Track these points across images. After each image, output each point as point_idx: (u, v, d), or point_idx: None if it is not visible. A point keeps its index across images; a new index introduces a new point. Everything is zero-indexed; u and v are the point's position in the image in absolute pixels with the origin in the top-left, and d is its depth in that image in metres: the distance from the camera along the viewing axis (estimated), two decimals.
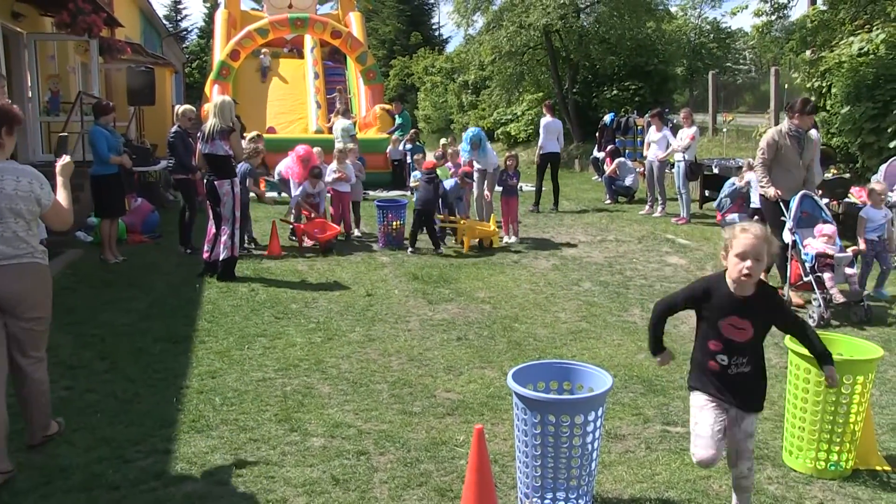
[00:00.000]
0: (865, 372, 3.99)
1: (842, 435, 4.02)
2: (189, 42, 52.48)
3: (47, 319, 4.26)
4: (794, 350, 4.08)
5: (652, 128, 13.60)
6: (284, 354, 6.02)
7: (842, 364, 3.96)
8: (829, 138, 12.97)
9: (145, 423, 4.63)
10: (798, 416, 4.12)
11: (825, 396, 3.98)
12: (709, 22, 35.01)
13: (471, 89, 32.44)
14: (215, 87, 18.46)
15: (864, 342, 4.31)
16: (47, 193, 4.13)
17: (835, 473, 4.06)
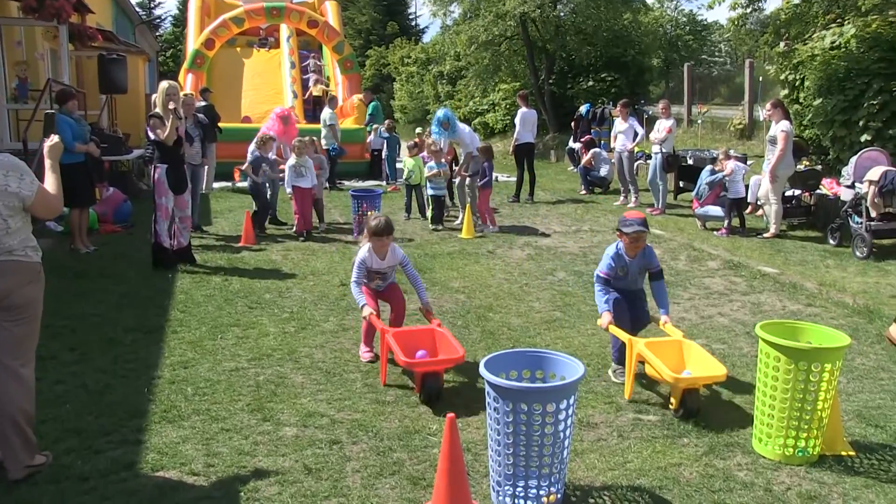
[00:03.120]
0: (833, 360, 4.03)
1: (810, 422, 4.06)
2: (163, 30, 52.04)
3: (30, 321, 3.83)
4: (764, 339, 4.12)
5: (618, 119, 13.67)
6: (257, 344, 5.99)
7: (810, 352, 4.02)
8: (802, 130, 13.11)
9: (116, 414, 4.59)
10: (768, 403, 4.16)
11: (794, 384, 4.02)
12: (685, 14, 35.31)
13: (446, 80, 32.40)
14: (189, 77, 18.29)
15: (833, 330, 4.36)
16: (28, 185, 3.75)
17: (802, 459, 4.11)
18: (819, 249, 9.98)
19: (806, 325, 4.50)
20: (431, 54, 35.30)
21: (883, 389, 5.22)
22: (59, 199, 3.92)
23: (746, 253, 9.59)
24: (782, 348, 4.05)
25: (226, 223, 11.49)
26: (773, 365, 4.11)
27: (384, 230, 5.69)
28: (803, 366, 3.99)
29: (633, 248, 5.40)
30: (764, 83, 18.26)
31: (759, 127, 16.58)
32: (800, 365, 3.99)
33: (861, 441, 4.42)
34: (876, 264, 9.16)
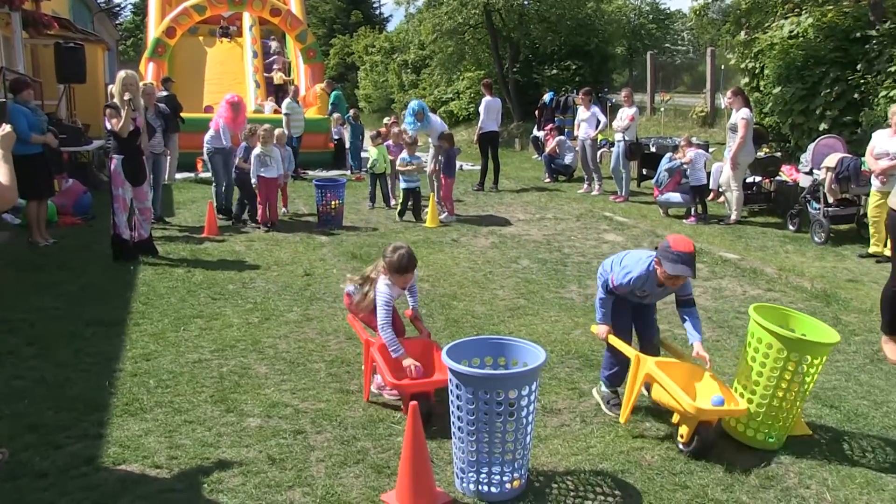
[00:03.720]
0: (821, 354, 4.07)
1: (787, 411, 4.11)
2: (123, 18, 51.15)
3: None
4: (760, 324, 4.11)
5: (581, 107, 13.75)
6: (221, 335, 5.95)
7: (806, 344, 4.04)
8: (762, 118, 13.28)
9: (76, 408, 4.53)
10: (749, 388, 4.18)
11: (782, 373, 4.04)
12: (648, 3, 35.45)
13: (411, 68, 32.31)
14: (150, 66, 18.04)
15: (822, 324, 4.34)
16: None
17: (772, 444, 4.17)
18: (779, 235, 10.15)
19: (798, 314, 4.50)
20: (396, 43, 35.17)
21: (838, 371, 5.33)
22: (12, 189, 3.78)
23: (708, 239, 9.71)
24: (780, 336, 4.03)
25: (189, 214, 11.38)
26: (763, 351, 4.10)
27: (409, 265, 4.63)
28: (795, 357, 4.01)
29: (670, 283, 4.34)
30: (726, 72, 18.44)
31: (721, 115, 16.76)
32: (792, 356, 4.01)
33: (817, 421, 4.52)
34: (833, 249, 9.33)
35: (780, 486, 3.78)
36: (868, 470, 3.95)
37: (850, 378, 5.19)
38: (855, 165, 9.37)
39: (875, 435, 4.34)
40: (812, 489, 3.77)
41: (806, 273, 8.08)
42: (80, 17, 23.72)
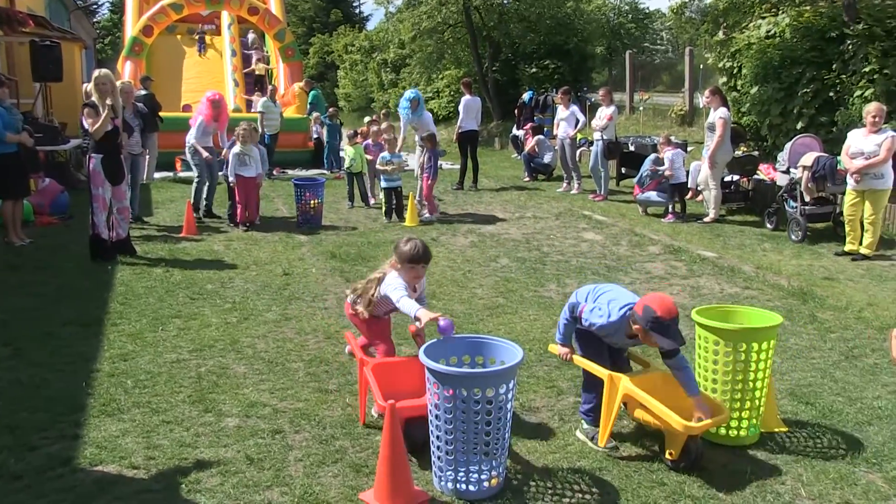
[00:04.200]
0: (769, 338, 4.14)
1: (752, 401, 4.15)
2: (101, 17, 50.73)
3: None
4: (701, 323, 4.20)
5: (560, 106, 13.80)
6: (199, 335, 5.92)
7: (747, 332, 4.12)
8: (740, 117, 13.38)
9: (53, 409, 4.50)
10: (709, 388, 4.23)
11: (734, 366, 4.11)
12: (627, 2, 35.57)
13: (390, 67, 32.28)
14: (128, 64, 17.91)
15: (765, 311, 4.48)
16: None
17: (744, 440, 4.20)
18: (757, 233, 10.23)
19: (739, 308, 4.62)
20: (375, 42, 35.12)
21: (814, 368, 5.38)
22: None
23: (687, 238, 9.78)
24: (720, 331, 4.14)
25: (167, 214, 11.32)
26: (712, 349, 4.18)
27: (422, 256, 4.45)
28: (741, 346, 4.08)
29: (646, 343, 4.02)
30: (704, 71, 18.56)
31: (700, 114, 16.85)
32: (738, 346, 4.08)
33: (793, 418, 4.56)
34: (810, 247, 9.42)
35: (756, 482, 3.81)
36: (842, 464, 3.99)
37: (825, 375, 5.25)
38: (831, 164, 9.46)
39: (849, 431, 4.39)
40: (787, 484, 3.81)
41: (783, 271, 8.15)
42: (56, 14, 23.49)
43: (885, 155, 8.51)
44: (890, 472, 3.91)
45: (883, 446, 4.19)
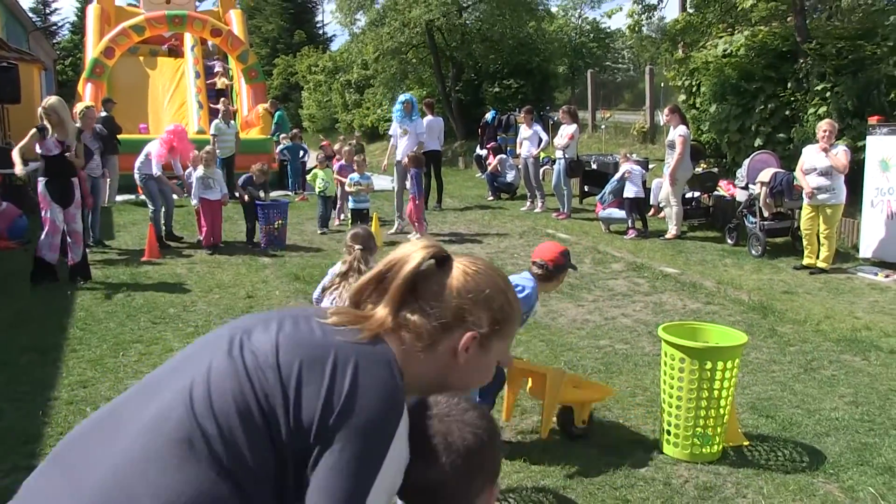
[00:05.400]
0: (734, 357, 4.18)
1: (715, 418, 4.19)
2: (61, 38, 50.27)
3: None
4: (668, 341, 4.23)
5: (522, 125, 13.92)
6: (161, 360, 5.84)
7: (713, 351, 4.16)
8: (700, 135, 13.59)
9: (6, 441, 4.41)
10: (674, 405, 4.24)
11: (699, 384, 4.13)
12: (589, 22, 36.09)
13: (354, 88, 32.34)
14: (88, 86, 17.75)
15: (729, 329, 4.54)
16: None
17: (706, 456, 4.24)
18: (718, 249, 10.38)
19: (704, 325, 4.65)
20: (339, 63, 35.16)
21: (774, 381, 5.46)
22: None
23: (649, 254, 9.88)
24: (686, 349, 4.15)
25: (129, 237, 11.20)
26: (677, 367, 4.19)
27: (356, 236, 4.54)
28: (707, 364, 4.11)
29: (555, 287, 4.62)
30: (665, 89, 18.84)
31: (661, 131, 17.07)
32: (703, 364, 4.10)
33: (753, 431, 4.62)
34: (770, 262, 9.58)
35: (719, 497, 3.86)
36: (801, 476, 4.05)
37: (784, 388, 5.33)
38: (788, 180, 9.64)
39: (808, 442, 4.46)
40: (748, 497, 3.85)
41: (744, 286, 8.27)
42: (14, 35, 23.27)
43: (845, 165, 8.71)
44: (846, 482, 3.98)
45: (840, 457, 4.26)
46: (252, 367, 1.36)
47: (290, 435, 1.32)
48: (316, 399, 1.32)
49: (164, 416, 1.34)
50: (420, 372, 1.49)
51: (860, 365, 5.85)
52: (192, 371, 1.40)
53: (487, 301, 1.53)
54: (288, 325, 1.45)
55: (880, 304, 7.70)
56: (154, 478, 1.28)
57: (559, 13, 34.02)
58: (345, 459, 1.30)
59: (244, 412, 1.32)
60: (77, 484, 1.32)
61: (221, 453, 1.30)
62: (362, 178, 10.97)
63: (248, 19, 24.59)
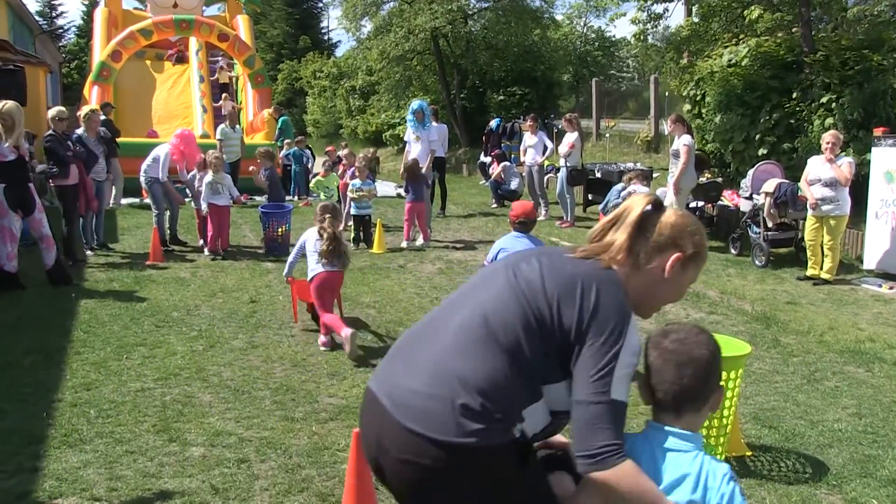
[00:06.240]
0: (735, 368, 4.17)
1: (717, 429, 4.17)
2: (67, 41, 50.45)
3: None
4: None
5: (527, 133, 13.93)
6: (164, 363, 5.87)
7: None
8: (704, 144, 13.59)
9: (10, 441, 4.41)
10: None
11: None
12: (594, 31, 36.08)
13: (358, 94, 32.40)
14: (95, 89, 17.81)
15: (732, 339, 4.53)
16: None
17: None
18: (721, 259, 10.37)
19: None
20: (344, 69, 35.24)
21: (777, 392, 5.46)
22: None
23: None
24: None
25: (133, 240, 11.22)
26: None
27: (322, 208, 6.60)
28: None
29: None
30: (670, 98, 18.86)
31: (665, 140, 17.09)
32: None
33: (756, 442, 4.62)
34: (773, 272, 9.57)
35: None
36: (804, 487, 4.05)
37: (787, 398, 5.32)
38: (792, 190, 9.64)
39: (811, 453, 4.46)
40: None
41: (747, 296, 8.26)
42: (20, 38, 23.36)
43: (847, 177, 8.70)
44: (849, 494, 3.97)
45: (843, 468, 4.26)
46: (527, 291, 2.05)
47: (554, 337, 1.99)
48: (572, 313, 1.98)
49: (467, 324, 2.06)
50: (637, 288, 2.12)
51: (863, 376, 5.84)
52: (482, 294, 2.13)
53: (692, 233, 2.17)
54: (545, 260, 2.15)
55: (884, 316, 7.69)
56: (465, 360, 1.99)
57: (564, 21, 33.98)
58: (595, 347, 1.95)
59: (523, 321, 2.01)
60: (413, 365, 2.08)
61: (509, 347, 1.99)
62: (364, 185, 10.95)
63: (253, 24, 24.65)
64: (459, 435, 1.92)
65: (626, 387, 1.97)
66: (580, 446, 1.94)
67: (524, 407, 1.99)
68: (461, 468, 1.94)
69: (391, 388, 2.07)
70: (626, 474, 1.91)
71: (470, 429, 1.92)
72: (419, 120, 11.71)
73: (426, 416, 1.96)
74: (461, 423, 1.93)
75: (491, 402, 1.94)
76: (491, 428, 1.94)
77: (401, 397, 2.03)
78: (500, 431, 1.96)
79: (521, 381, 1.97)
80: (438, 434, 1.93)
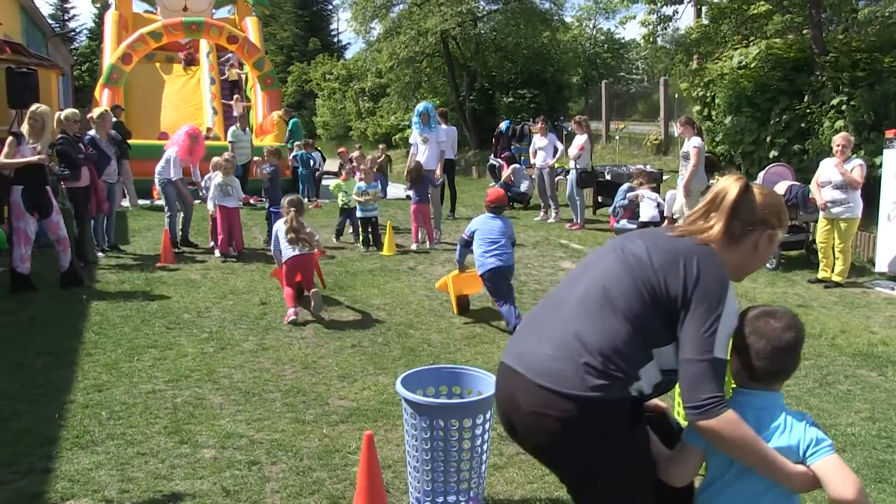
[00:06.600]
0: None
1: None
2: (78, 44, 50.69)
3: None
4: None
5: (537, 135, 13.91)
6: (175, 365, 5.88)
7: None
8: (714, 146, 13.56)
9: (23, 442, 4.43)
10: None
11: None
12: (603, 33, 36.02)
13: (368, 96, 32.44)
14: (105, 92, 17.87)
15: None
16: None
17: None
18: None
19: None
20: (353, 71, 35.29)
21: (789, 395, 5.42)
22: None
23: None
24: None
25: (144, 242, 11.25)
26: None
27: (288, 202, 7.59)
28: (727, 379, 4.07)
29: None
30: (679, 100, 18.83)
31: (675, 142, 17.06)
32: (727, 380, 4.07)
33: None
34: (784, 274, 9.52)
35: None
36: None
37: (800, 402, 5.29)
38: (803, 193, 9.60)
39: None
40: None
41: (758, 298, 8.23)
42: (33, 41, 23.46)
43: (857, 181, 8.65)
44: None
45: (857, 473, 4.21)
46: (635, 265, 2.35)
47: (663, 304, 2.28)
48: (677, 282, 2.27)
49: (587, 295, 2.39)
50: (731, 260, 2.39)
51: (877, 380, 5.81)
52: (596, 270, 2.45)
53: (778, 211, 2.44)
54: (649, 239, 2.43)
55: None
56: (587, 326, 2.32)
57: (573, 23, 33.94)
58: (700, 312, 2.23)
59: (635, 291, 2.31)
60: (541, 333, 2.42)
61: (625, 314, 2.29)
62: (369, 187, 10.92)
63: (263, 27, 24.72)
64: (584, 389, 2.24)
65: (726, 346, 2.26)
66: (689, 399, 2.23)
67: (639, 367, 2.28)
68: (585, 419, 2.25)
69: (522, 356, 2.41)
70: (728, 422, 2.19)
71: (593, 384, 2.24)
72: (425, 122, 11.77)
73: (555, 374, 2.28)
74: (585, 379, 2.25)
75: (610, 362, 2.25)
76: (611, 384, 2.24)
77: (532, 361, 2.36)
78: (620, 388, 2.26)
79: (635, 344, 2.27)
80: (567, 388, 2.25)
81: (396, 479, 4.07)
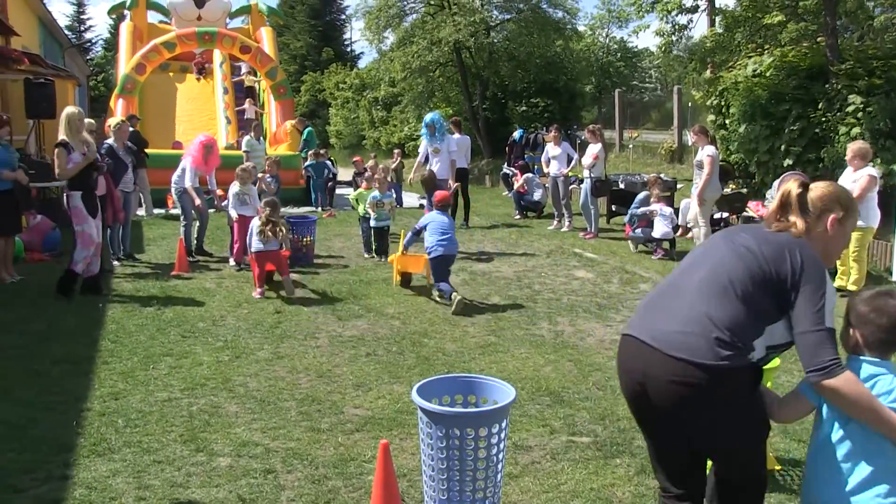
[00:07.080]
0: (765, 381, 4.14)
1: None
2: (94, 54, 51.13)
3: None
4: None
5: (550, 144, 13.90)
6: (191, 374, 5.91)
7: None
8: (728, 155, 13.52)
9: (41, 449, 4.47)
10: None
11: None
12: (616, 41, 36.02)
13: (381, 105, 32.54)
14: (120, 102, 18.01)
15: None
16: None
17: None
18: None
19: None
20: (366, 80, 35.42)
21: None
22: None
23: None
24: None
25: (159, 251, 11.31)
26: None
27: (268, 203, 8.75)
28: None
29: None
30: (693, 109, 18.81)
31: (689, 151, 17.03)
32: None
33: (785, 455, 4.57)
34: None
35: None
36: None
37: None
38: None
39: None
40: None
41: None
42: (50, 52, 23.66)
43: (859, 192, 8.56)
44: None
45: None
46: (746, 254, 2.75)
47: (774, 287, 2.67)
48: (786, 269, 2.66)
49: (707, 279, 2.78)
50: (816, 248, 2.77)
51: None
52: (711, 259, 2.85)
53: (837, 198, 2.84)
54: (755, 232, 2.85)
55: None
56: (712, 306, 2.70)
57: (586, 32, 33.96)
58: (808, 291, 2.62)
59: (749, 277, 2.70)
60: (667, 313, 2.81)
61: (743, 296, 2.68)
62: (384, 197, 10.86)
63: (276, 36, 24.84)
64: (716, 359, 2.64)
65: (832, 317, 2.61)
66: (811, 362, 2.57)
67: (754, 339, 2.67)
68: (716, 384, 2.65)
69: (651, 331, 2.81)
70: (847, 380, 2.53)
71: (723, 354, 2.63)
72: (432, 133, 11.85)
73: (689, 347, 2.68)
74: (716, 351, 2.64)
75: (735, 336, 2.64)
76: (737, 354, 2.64)
77: (663, 337, 2.75)
78: (742, 357, 2.66)
79: (752, 320, 2.66)
80: (701, 359, 2.65)
81: (412, 489, 4.07)
